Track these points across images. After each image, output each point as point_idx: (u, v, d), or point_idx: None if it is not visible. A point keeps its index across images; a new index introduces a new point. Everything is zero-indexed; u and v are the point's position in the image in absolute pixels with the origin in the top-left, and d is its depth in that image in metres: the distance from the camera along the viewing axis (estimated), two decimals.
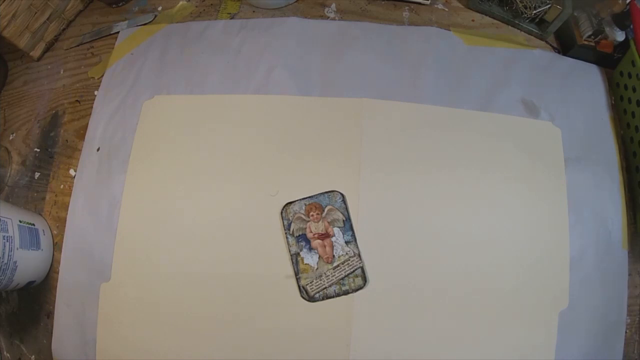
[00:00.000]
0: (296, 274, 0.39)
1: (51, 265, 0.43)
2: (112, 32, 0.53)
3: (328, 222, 0.40)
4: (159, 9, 0.55)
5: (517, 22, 0.50)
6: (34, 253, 0.41)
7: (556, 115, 0.45)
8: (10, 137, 0.50)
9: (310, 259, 0.39)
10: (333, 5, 0.53)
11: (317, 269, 0.39)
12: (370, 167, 0.43)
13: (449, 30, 0.50)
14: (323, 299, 0.38)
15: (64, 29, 0.54)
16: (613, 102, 0.47)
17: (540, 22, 0.50)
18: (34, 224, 0.42)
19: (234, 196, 0.43)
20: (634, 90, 0.43)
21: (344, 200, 0.41)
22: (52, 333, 0.41)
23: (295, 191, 0.42)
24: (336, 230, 0.40)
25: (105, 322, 0.41)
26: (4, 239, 0.37)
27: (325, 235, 0.40)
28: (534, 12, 0.48)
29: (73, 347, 0.41)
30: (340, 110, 0.45)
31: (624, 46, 0.46)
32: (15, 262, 0.38)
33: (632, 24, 0.44)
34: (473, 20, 0.52)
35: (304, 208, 0.41)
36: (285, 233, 0.40)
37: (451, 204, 0.41)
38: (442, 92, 0.46)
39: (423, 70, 0.47)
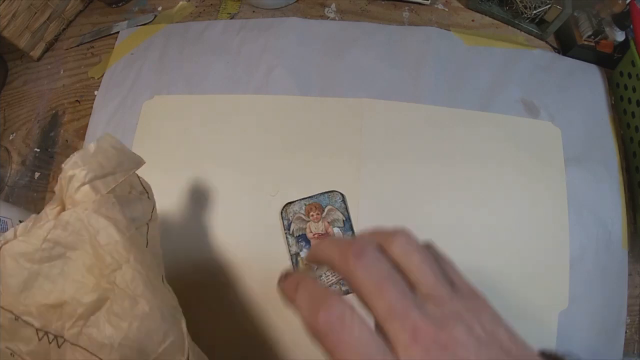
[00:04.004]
0: None
1: None
2: (112, 32, 0.53)
3: (328, 222, 0.40)
4: (159, 9, 0.55)
5: (517, 22, 0.50)
6: None
7: (556, 115, 0.45)
8: (10, 137, 0.50)
9: None
10: (333, 5, 0.53)
11: (317, 269, 0.39)
12: (370, 167, 0.43)
13: (449, 30, 0.50)
14: None
15: (64, 29, 0.54)
16: (613, 102, 0.47)
17: (540, 22, 0.50)
18: None
19: (234, 196, 0.43)
20: (634, 90, 0.43)
21: (343, 200, 0.41)
22: None
23: (295, 191, 0.42)
24: (336, 230, 0.40)
25: None
26: None
27: (325, 236, 0.40)
28: (534, 12, 0.48)
29: None
30: (340, 110, 0.46)
31: (624, 46, 0.46)
32: None
33: (632, 24, 0.44)
34: (473, 21, 0.52)
35: (303, 208, 0.41)
36: (285, 233, 0.40)
37: (451, 204, 0.41)
38: (442, 92, 0.46)
39: (423, 70, 0.47)
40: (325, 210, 0.40)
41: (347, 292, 0.38)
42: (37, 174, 0.48)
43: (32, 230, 0.28)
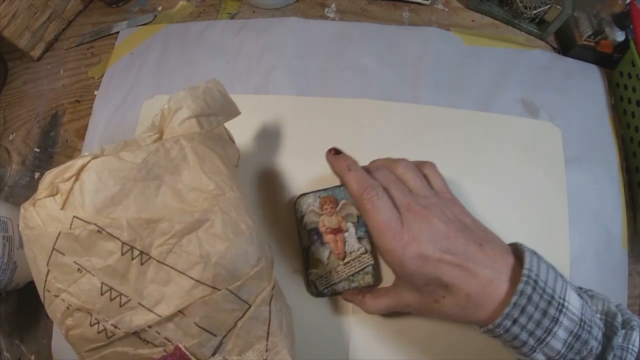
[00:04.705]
0: (306, 268, 0.38)
1: None
2: (112, 32, 0.53)
3: (342, 217, 0.38)
4: (159, 9, 0.55)
5: (517, 22, 0.50)
6: None
7: (556, 115, 0.45)
8: (10, 137, 0.50)
9: (321, 253, 0.38)
10: (333, 5, 0.53)
11: (328, 264, 0.37)
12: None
13: (449, 30, 0.50)
14: (331, 295, 0.37)
15: (64, 29, 0.54)
16: (613, 102, 0.47)
17: (540, 22, 0.50)
18: None
19: None
20: (634, 90, 0.43)
21: None
22: (52, 333, 0.41)
23: (295, 190, 0.42)
24: (349, 225, 0.38)
25: None
26: (4, 239, 0.37)
27: (337, 230, 0.38)
28: (534, 12, 0.48)
29: None
30: (340, 110, 0.46)
31: (624, 46, 0.46)
32: (15, 262, 0.38)
33: (632, 24, 0.44)
34: (473, 21, 0.52)
35: (317, 201, 0.39)
36: (298, 226, 0.39)
37: None
38: (442, 92, 0.46)
39: (423, 70, 0.47)
40: (340, 204, 0.39)
41: (355, 288, 0.37)
42: (37, 174, 0.48)
43: (128, 150, 0.28)
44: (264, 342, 0.28)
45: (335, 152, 0.35)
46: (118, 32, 0.53)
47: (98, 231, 0.26)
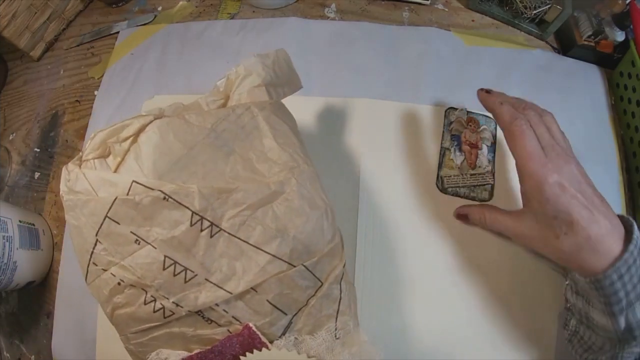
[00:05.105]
0: (439, 165, 0.42)
1: (51, 265, 0.43)
2: (112, 32, 0.53)
3: (480, 137, 0.44)
4: (159, 9, 0.55)
5: (517, 22, 0.50)
6: (34, 253, 0.41)
7: (556, 115, 0.45)
8: (10, 137, 0.50)
9: (456, 157, 0.43)
10: (333, 5, 0.53)
11: (459, 167, 0.42)
12: (370, 167, 0.43)
13: (449, 30, 0.50)
14: (452, 195, 0.42)
15: (64, 29, 0.54)
16: (613, 102, 0.47)
17: (540, 22, 0.50)
18: (34, 224, 0.42)
19: None
20: (634, 90, 0.43)
21: (496, 129, 0.44)
22: (52, 333, 0.41)
23: None
24: (484, 146, 0.43)
25: (105, 322, 0.40)
26: (4, 239, 0.37)
27: (474, 146, 0.43)
28: (534, 12, 0.48)
29: (73, 347, 0.41)
30: (340, 110, 0.46)
31: (624, 46, 0.46)
32: (15, 262, 0.38)
33: (632, 24, 0.44)
34: (473, 21, 0.52)
35: (465, 116, 0.44)
36: (444, 128, 0.44)
37: (450, 203, 0.41)
38: (442, 92, 0.46)
39: (423, 70, 0.47)
40: (481, 127, 0.44)
41: (472, 199, 0.42)
42: (37, 174, 0.48)
43: (194, 113, 0.26)
44: (333, 321, 0.27)
45: (486, 91, 0.37)
46: (118, 32, 0.53)
47: (164, 198, 0.23)
